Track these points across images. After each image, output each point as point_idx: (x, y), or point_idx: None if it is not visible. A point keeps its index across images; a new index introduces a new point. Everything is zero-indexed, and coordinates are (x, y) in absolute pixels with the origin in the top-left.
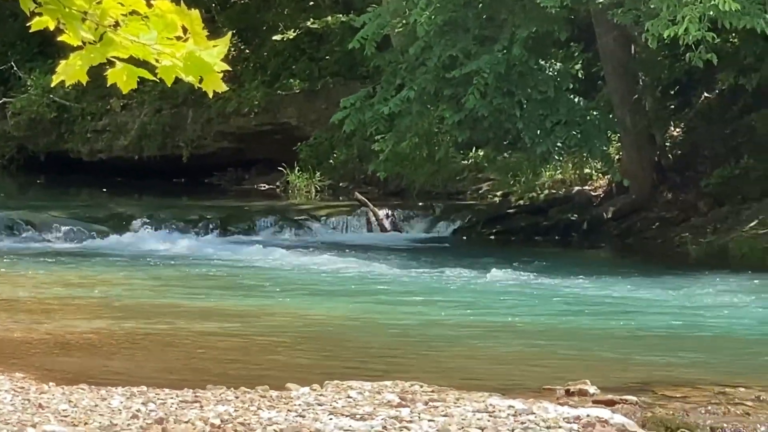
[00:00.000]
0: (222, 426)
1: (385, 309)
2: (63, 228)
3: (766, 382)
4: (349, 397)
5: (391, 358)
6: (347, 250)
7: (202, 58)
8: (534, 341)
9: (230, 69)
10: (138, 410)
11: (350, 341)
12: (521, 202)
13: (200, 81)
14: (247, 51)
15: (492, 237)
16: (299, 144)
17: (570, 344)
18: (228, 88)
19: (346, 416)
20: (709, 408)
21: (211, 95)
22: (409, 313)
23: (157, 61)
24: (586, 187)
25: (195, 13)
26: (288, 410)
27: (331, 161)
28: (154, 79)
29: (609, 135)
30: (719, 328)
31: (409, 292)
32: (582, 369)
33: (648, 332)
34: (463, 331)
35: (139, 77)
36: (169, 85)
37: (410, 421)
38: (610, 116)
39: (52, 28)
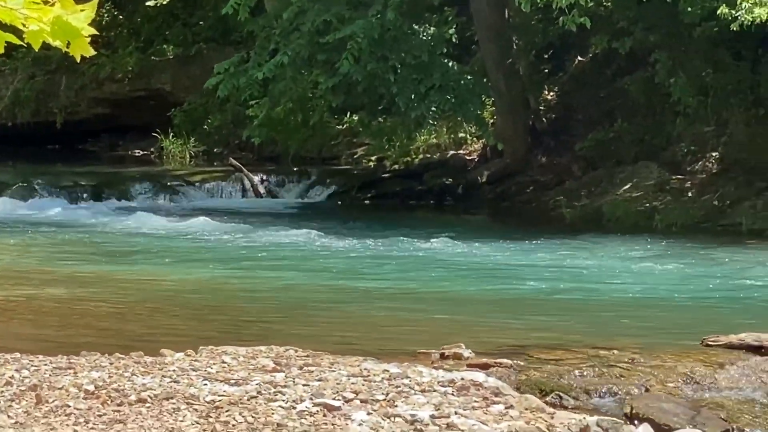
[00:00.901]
0: (96, 392)
1: (259, 274)
2: None
3: (639, 344)
4: (223, 362)
5: (266, 323)
6: (222, 216)
7: (69, 23)
8: (409, 306)
9: (99, 34)
10: (11, 377)
11: (225, 307)
12: (396, 166)
13: (68, 46)
14: (121, 17)
15: (367, 202)
16: (173, 110)
17: (445, 308)
18: (97, 53)
19: (221, 381)
20: (584, 370)
21: (78, 59)
22: (284, 279)
23: (24, 25)
24: (461, 152)
25: None
26: (162, 376)
27: (205, 127)
28: (23, 44)
29: (483, 99)
30: (594, 291)
31: (284, 257)
32: (457, 333)
33: (523, 296)
34: (338, 296)
35: (7, 42)
36: (36, 50)
37: (285, 386)
38: (484, 80)
39: None
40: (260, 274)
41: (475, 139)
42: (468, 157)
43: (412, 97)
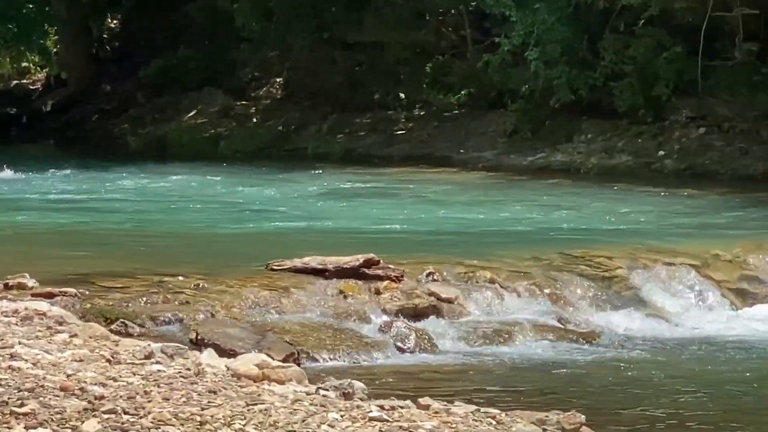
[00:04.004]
0: None
1: None
2: None
3: (205, 271)
4: None
5: None
6: None
7: None
8: None
9: None
10: None
11: None
12: None
13: None
14: None
15: None
16: None
17: (9, 240)
18: None
19: None
20: (149, 297)
21: None
22: None
23: None
24: (25, 81)
25: None
26: None
27: None
28: None
29: (47, 28)
30: (157, 221)
31: None
32: (21, 264)
33: (89, 226)
34: None
35: None
36: None
37: None
38: (47, 9)
39: None
40: None
41: (38, 68)
42: (32, 87)
43: None
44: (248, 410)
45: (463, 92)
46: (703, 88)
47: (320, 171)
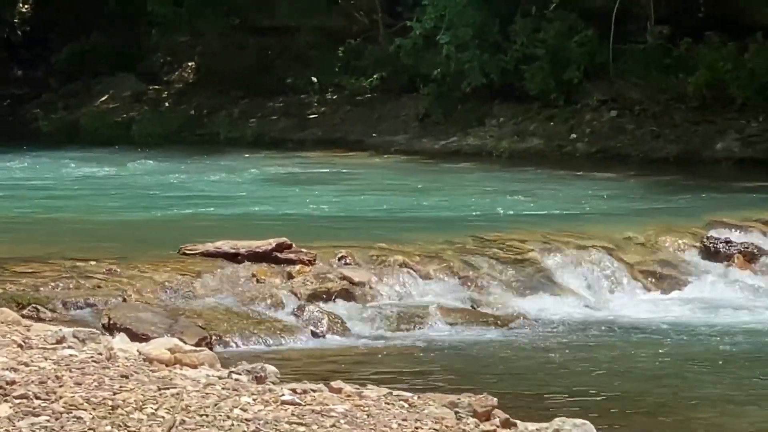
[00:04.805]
0: None
1: None
2: None
3: (117, 256)
4: None
5: None
6: None
7: None
8: None
9: None
10: None
11: None
12: None
13: None
14: None
15: None
16: None
17: None
18: None
19: None
20: (61, 282)
21: None
22: None
23: None
24: None
25: None
26: None
27: None
28: None
29: None
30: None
31: None
32: None
33: None
34: None
35: None
36: None
37: None
38: None
39: None
40: None
41: None
42: None
43: None
44: (160, 394)
45: (375, 76)
46: (615, 72)
47: (233, 155)
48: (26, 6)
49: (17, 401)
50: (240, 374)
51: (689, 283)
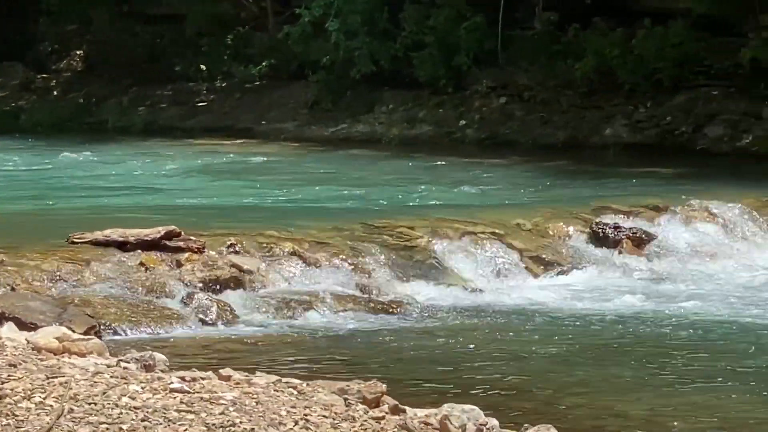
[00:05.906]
0: None
1: None
2: None
3: (5, 245)
4: None
5: None
6: None
7: None
8: None
9: None
10: None
11: None
12: None
13: None
14: None
15: None
16: None
17: None
18: None
19: None
20: None
21: None
22: None
23: None
24: None
25: None
26: None
27: None
28: None
29: None
30: None
31: None
32: None
33: None
34: None
35: None
36: None
37: None
38: None
39: None
40: None
41: None
42: None
43: None
44: (48, 383)
45: (264, 64)
46: (504, 58)
47: (122, 144)
48: None
49: None
50: (129, 362)
51: (578, 268)
